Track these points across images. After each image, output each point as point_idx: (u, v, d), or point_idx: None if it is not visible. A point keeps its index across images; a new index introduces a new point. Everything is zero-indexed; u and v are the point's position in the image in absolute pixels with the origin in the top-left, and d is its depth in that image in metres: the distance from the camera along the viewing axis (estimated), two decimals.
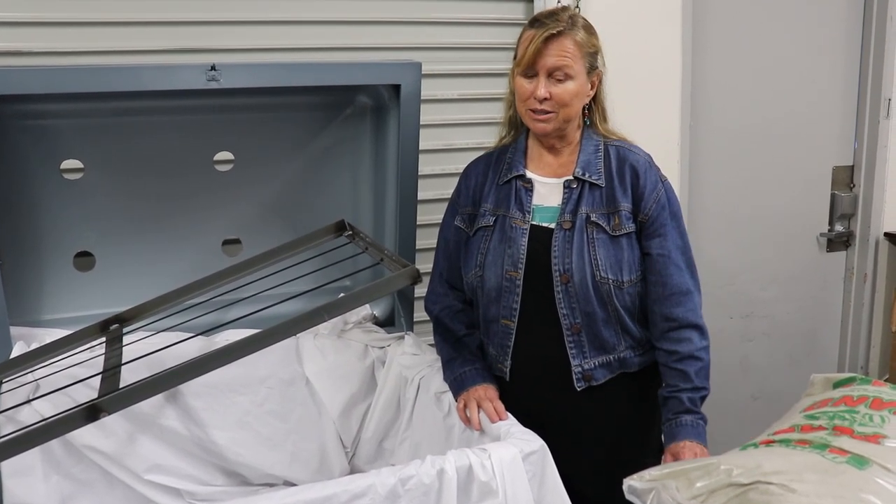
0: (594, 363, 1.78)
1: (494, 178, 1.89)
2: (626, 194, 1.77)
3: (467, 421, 1.75)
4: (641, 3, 2.67)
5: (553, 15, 1.76)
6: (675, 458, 1.70)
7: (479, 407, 1.75)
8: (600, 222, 1.76)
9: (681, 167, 2.83)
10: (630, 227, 1.76)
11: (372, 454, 2.07)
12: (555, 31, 1.71)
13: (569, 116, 1.77)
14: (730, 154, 3.03)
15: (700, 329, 1.79)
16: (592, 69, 1.78)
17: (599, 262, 1.74)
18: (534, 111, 1.76)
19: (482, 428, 1.72)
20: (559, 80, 1.73)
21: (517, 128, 1.91)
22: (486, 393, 1.79)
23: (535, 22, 1.76)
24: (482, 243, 1.85)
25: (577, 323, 1.77)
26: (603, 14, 2.53)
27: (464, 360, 1.88)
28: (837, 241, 3.30)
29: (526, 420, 1.68)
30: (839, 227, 3.28)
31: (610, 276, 1.74)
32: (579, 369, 1.79)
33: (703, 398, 1.77)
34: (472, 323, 1.94)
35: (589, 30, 1.77)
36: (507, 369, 1.85)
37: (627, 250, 1.76)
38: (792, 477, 1.23)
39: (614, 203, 1.77)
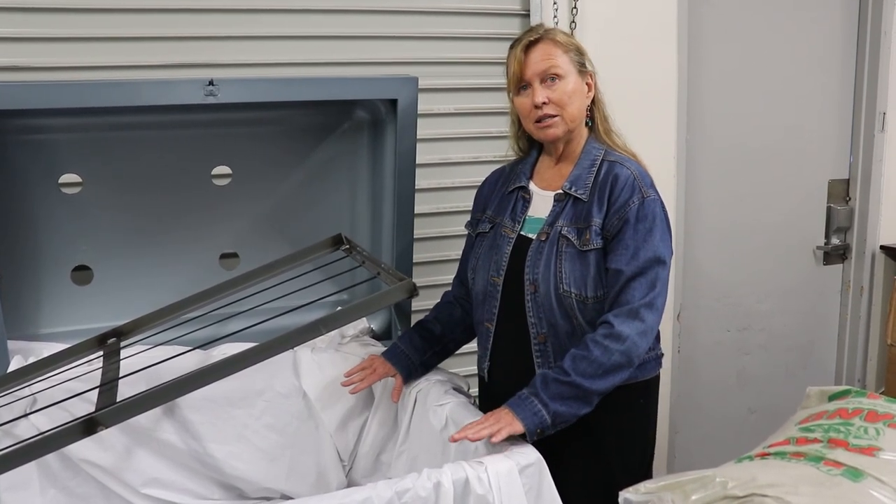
0: None
1: (503, 187, 1.94)
2: (601, 210, 1.75)
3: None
4: (638, 21, 2.69)
5: (530, 30, 1.85)
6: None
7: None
8: (570, 237, 1.76)
9: (677, 181, 2.84)
10: (598, 243, 1.73)
11: (369, 467, 2.07)
12: (533, 39, 1.79)
13: (573, 117, 1.80)
14: (726, 168, 3.05)
15: (621, 345, 1.66)
16: (583, 69, 1.81)
17: (564, 276, 1.74)
18: (538, 120, 1.79)
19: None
20: (552, 83, 1.77)
21: (526, 149, 1.95)
22: (380, 367, 1.94)
23: (515, 42, 1.83)
24: (478, 248, 1.92)
25: (543, 333, 1.79)
26: (601, 31, 2.56)
27: (402, 337, 2.02)
28: (834, 254, 3.31)
29: None
30: (835, 241, 3.29)
31: (573, 290, 1.74)
32: None
33: (561, 386, 1.64)
34: (443, 317, 2.03)
35: (566, 33, 1.85)
36: (486, 370, 1.92)
37: (594, 266, 1.74)
38: (787, 489, 1.23)
39: (588, 218, 1.76)
